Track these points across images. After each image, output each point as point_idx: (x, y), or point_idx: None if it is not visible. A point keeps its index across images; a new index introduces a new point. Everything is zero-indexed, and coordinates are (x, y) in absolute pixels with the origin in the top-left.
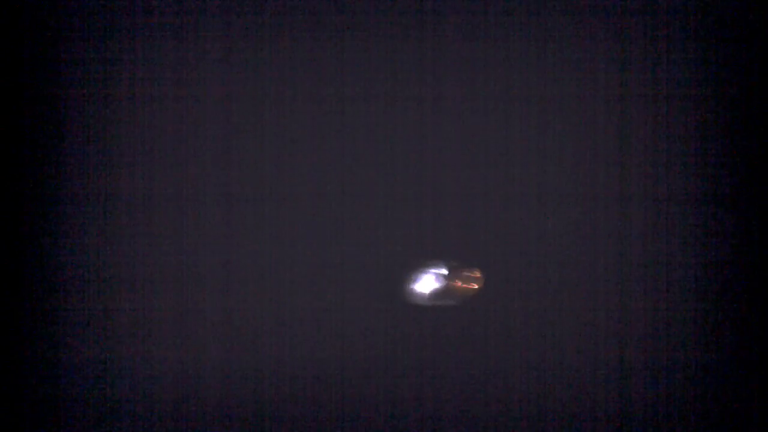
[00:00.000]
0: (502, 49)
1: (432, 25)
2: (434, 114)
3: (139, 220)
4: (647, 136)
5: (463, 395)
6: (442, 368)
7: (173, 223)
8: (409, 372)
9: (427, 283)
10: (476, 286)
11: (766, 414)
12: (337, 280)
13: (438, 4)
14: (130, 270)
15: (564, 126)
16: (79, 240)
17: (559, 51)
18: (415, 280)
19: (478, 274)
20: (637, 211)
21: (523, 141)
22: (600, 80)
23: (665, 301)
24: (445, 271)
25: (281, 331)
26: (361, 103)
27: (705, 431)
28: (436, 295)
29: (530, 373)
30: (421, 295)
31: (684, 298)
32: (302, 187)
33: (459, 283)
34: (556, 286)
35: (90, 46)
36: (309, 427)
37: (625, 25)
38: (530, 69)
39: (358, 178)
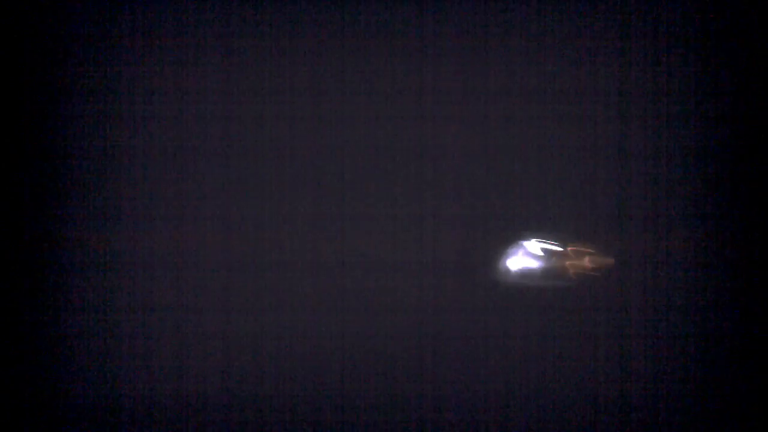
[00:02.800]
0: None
1: (432, 23)
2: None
3: (140, 220)
4: (647, 135)
5: (465, 392)
6: (442, 364)
7: (174, 221)
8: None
9: (528, 259)
10: (591, 266)
11: (766, 412)
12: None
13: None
14: (131, 270)
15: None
16: (80, 239)
17: (559, 48)
18: (511, 256)
19: (591, 251)
20: (638, 208)
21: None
22: (601, 80)
23: (665, 300)
24: (554, 247)
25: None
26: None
27: (704, 428)
28: (541, 274)
29: (530, 369)
30: (521, 273)
31: (684, 296)
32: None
33: (571, 262)
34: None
35: (90, 45)
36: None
37: (625, 23)
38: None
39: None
